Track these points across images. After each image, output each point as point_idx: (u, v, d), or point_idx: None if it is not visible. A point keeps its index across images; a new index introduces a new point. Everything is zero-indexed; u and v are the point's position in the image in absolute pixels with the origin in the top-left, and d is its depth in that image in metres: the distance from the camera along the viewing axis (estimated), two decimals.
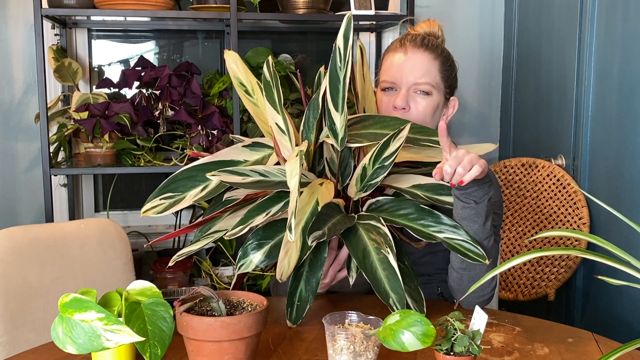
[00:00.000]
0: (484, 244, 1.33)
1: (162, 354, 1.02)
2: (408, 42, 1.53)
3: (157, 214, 1.28)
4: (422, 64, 1.51)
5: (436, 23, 1.60)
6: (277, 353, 1.17)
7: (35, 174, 2.64)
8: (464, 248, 1.26)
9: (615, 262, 0.88)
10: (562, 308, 2.34)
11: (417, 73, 1.50)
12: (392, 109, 1.50)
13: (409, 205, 1.32)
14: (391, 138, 1.25)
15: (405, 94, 1.50)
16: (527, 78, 2.66)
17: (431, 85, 1.50)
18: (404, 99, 1.49)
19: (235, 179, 1.22)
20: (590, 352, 1.19)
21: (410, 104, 1.50)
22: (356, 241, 1.24)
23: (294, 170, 1.16)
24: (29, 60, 2.59)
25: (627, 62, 1.98)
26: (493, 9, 2.90)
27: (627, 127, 1.98)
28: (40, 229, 1.64)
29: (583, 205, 2.21)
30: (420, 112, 1.50)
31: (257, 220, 1.22)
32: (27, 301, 1.54)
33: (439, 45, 1.55)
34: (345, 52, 1.25)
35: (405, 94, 1.50)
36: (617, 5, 2.03)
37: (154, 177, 2.81)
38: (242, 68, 1.42)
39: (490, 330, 1.28)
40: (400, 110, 1.49)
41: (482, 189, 1.31)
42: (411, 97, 1.50)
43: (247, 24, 2.79)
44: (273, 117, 1.32)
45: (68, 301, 0.95)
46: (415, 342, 0.97)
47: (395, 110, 1.50)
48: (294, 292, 1.27)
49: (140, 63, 2.46)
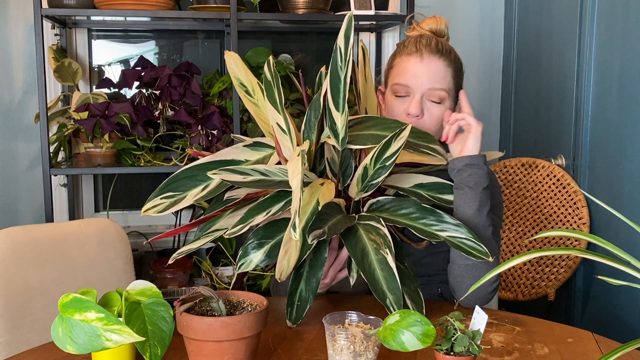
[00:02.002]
0: (481, 233, 1.37)
1: (162, 354, 1.02)
2: (424, 47, 1.50)
3: (158, 213, 1.28)
4: (438, 70, 1.49)
5: (443, 20, 1.59)
6: (277, 353, 1.17)
7: (35, 174, 2.64)
8: (467, 246, 1.26)
9: (615, 262, 0.88)
10: (562, 308, 2.33)
11: (433, 79, 1.49)
12: (406, 116, 1.49)
13: (410, 205, 1.32)
14: (392, 138, 1.25)
15: (419, 101, 1.48)
16: (527, 78, 2.66)
17: (445, 91, 1.50)
18: (418, 106, 1.48)
19: (236, 178, 1.22)
20: (590, 352, 1.19)
21: (424, 112, 1.49)
22: (355, 241, 1.24)
23: (296, 170, 1.16)
24: (29, 60, 2.59)
25: (627, 62, 1.98)
26: (493, 9, 2.90)
27: (627, 127, 1.98)
28: (40, 229, 1.64)
29: (583, 205, 2.21)
30: (434, 120, 1.50)
31: (257, 220, 1.22)
32: (27, 301, 1.53)
33: (451, 50, 1.54)
34: (346, 51, 1.25)
35: (419, 101, 1.48)
36: (617, 5, 2.03)
37: (154, 177, 2.81)
38: (242, 68, 1.42)
39: (490, 330, 1.28)
40: (414, 117, 1.48)
41: (476, 175, 1.38)
42: (425, 105, 1.49)
43: (247, 24, 2.79)
44: (274, 117, 1.32)
45: (68, 301, 0.95)
46: (415, 342, 0.97)
47: (408, 117, 1.49)
48: (294, 292, 1.27)
49: (140, 63, 2.46)
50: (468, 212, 1.37)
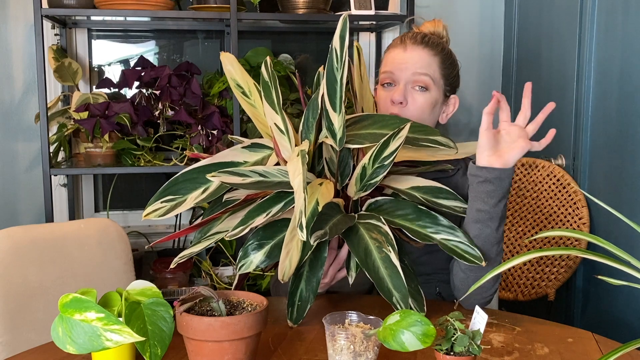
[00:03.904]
0: (493, 249, 1.32)
1: (162, 354, 1.02)
2: (408, 39, 1.54)
3: (159, 217, 1.28)
4: (421, 58, 1.51)
5: (441, 23, 1.60)
6: (277, 353, 1.17)
7: (35, 174, 2.64)
8: (461, 250, 1.26)
9: (615, 262, 0.88)
10: (562, 308, 2.34)
11: (416, 66, 1.50)
12: (390, 103, 1.50)
13: (407, 206, 1.32)
14: (391, 137, 1.25)
15: (402, 89, 1.50)
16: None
17: (430, 77, 1.50)
18: (401, 94, 1.49)
19: (236, 180, 1.23)
20: (590, 352, 1.19)
21: (408, 99, 1.50)
22: (357, 240, 1.24)
23: (297, 170, 1.16)
24: (29, 60, 2.59)
25: (627, 62, 1.98)
26: (493, 9, 2.90)
27: (627, 127, 1.98)
28: (40, 229, 1.64)
29: (583, 205, 2.21)
30: (418, 108, 1.50)
31: (257, 221, 1.22)
32: (27, 301, 1.53)
33: (440, 43, 1.55)
34: (342, 52, 1.25)
35: (403, 89, 1.50)
36: (617, 5, 2.03)
37: (154, 177, 2.81)
38: (238, 70, 1.42)
39: (490, 330, 1.28)
40: (397, 104, 1.49)
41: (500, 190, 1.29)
42: (409, 92, 1.50)
43: (247, 24, 2.79)
44: (272, 117, 1.32)
45: (68, 301, 0.95)
46: (415, 342, 0.97)
47: (393, 105, 1.50)
48: (295, 291, 1.27)
49: (140, 63, 2.46)
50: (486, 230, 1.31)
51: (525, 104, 1.33)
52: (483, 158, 1.30)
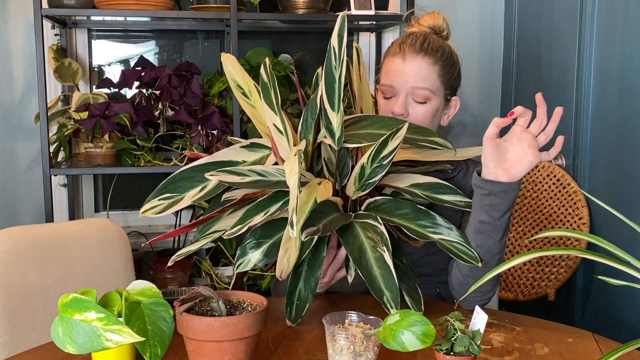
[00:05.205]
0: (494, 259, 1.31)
1: (162, 354, 1.02)
2: (407, 46, 1.51)
3: (156, 214, 1.28)
4: (420, 69, 1.49)
5: (441, 16, 1.59)
6: (277, 353, 1.17)
7: (35, 174, 2.64)
8: (458, 249, 1.26)
9: (615, 262, 0.88)
10: (562, 308, 2.34)
11: (416, 78, 1.49)
12: (391, 115, 1.49)
13: (406, 206, 1.32)
14: (389, 137, 1.26)
15: (403, 100, 1.49)
16: (527, 78, 2.66)
17: (430, 90, 1.49)
18: (402, 106, 1.49)
19: (234, 179, 1.23)
20: (590, 352, 1.19)
21: (409, 110, 1.50)
22: (352, 239, 1.24)
23: (293, 169, 1.16)
24: (29, 60, 2.59)
25: (627, 62, 1.98)
26: (493, 8, 2.90)
27: (627, 127, 1.98)
28: (40, 229, 1.64)
29: (583, 205, 2.21)
30: (420, 119, 1.50)
31: (255, 220, 1.22)
32: (27, 301, 1.54)
33: (440, 47, 1.52)
34: (340, 51, 1.25)
35: (404, 100, 1.49)
36: (617, 5, 2.03)
37: (154, 177, 2.81)
38: (239, 70, 1.43)
39: (490, 330, 1.28)
40: (399, 117, 1.48)
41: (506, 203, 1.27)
42: (409, 104, 1.50)
43: (247, 24, 2.79)
44: (271, 118, 1.32)
45: (68, 301, 0.95)
46: (415, 342, 0.97)
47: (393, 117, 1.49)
48: (293, 291, 1.27)
49: (140, 63, 2.46)
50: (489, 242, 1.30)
51: (540, 113, 1.26)
52: (489, 170, 1.27)
